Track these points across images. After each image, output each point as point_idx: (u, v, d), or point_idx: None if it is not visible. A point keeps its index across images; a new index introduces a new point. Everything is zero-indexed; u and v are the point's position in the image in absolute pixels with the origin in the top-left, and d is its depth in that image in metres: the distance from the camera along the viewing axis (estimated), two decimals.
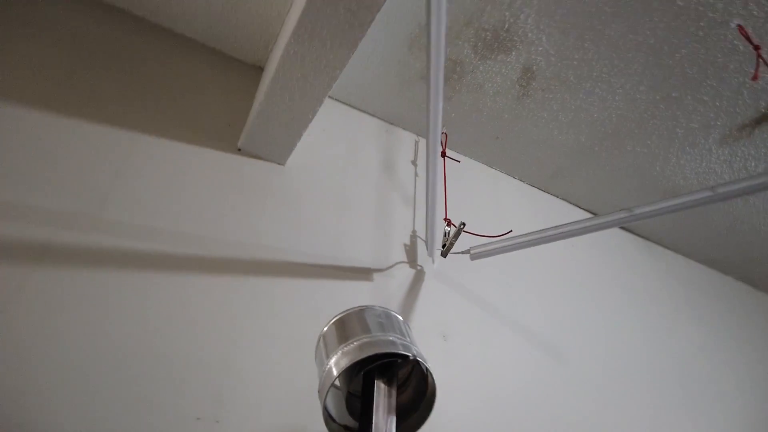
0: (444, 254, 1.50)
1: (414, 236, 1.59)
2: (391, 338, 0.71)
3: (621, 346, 1.85)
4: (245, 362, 1.09)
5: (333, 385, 0.66)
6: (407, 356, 0.69)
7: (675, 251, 2.51)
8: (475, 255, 1.43)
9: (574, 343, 1.71)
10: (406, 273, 1.49)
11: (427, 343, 1.37)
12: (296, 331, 1.19)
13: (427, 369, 0.71)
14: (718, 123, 1.74)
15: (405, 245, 1.56)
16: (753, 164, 1.90)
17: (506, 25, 1.45)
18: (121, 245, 1.09)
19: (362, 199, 1.57)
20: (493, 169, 2.03)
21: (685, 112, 1.69)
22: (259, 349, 1.12)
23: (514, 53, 1.53)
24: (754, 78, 1.38)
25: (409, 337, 0.78)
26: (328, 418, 0.72)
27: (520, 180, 2.09)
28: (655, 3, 1.37)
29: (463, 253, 1.46)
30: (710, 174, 1.97)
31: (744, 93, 1.61)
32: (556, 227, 1.34)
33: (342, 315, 0.80)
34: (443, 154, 1.74)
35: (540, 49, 1.51)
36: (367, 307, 0.81)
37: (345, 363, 0.66)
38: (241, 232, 1.26)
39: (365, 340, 0.70)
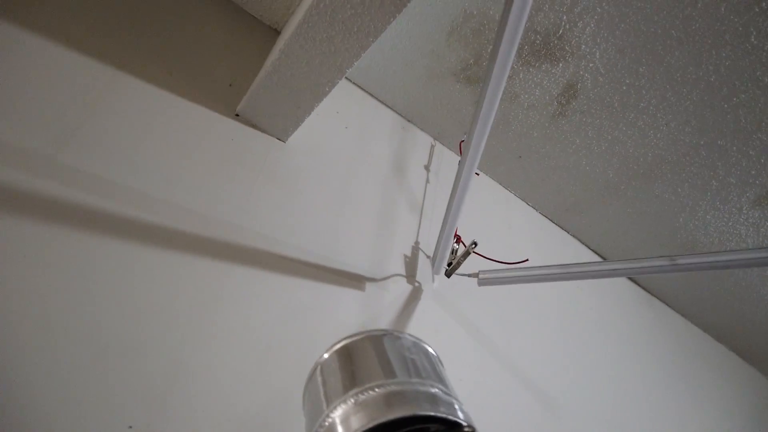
0: (448, 274, 1.32)
1: (416, 248, 1.41)
2: (432, 390, 0.49)
3: (617, 401, 1.69)
4: (199, 360, 0.88)
5: None
6: (461, 425, 0.46)
7: (674, 309, 2.38)
8: (483, 280, 1.25)
9: (568, 392, 1.54)
10: (401, 288, 1.31)
11: None
12: (269, 332, 0.99)
13: None
14: (758, 182, 1.60)
15: (405, 257, 1.37)
16: None
17: (560, 31, 1.29)
18: (76, 197, 0.89)
19: (366, 198, 1.38)
20: (508, 191, 1.86)
21: (727, 163, 1.55)
22: (219, 348, 0.92)
23: (561, 65, 1.37)
24: None
25: (449, 385, 0.55)
26: None
27: (533, 207, 1.92)
28: (728, 36, 1.22)
29: (470, 275, 1.28)
30: (733, 235, 1.83)
31: None
32: (582, 264, 1.17)
33: (351, 340, 0.56)
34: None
35: (591, 65, 1.36)
36: (388, 333, 0.59)
37: (361, 423, 0.43)
38: (224, 207, 1.06)
39: (393, 388, 0.47)
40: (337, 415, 0.47)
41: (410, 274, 1.35)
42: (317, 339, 1.07)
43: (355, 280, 1.22)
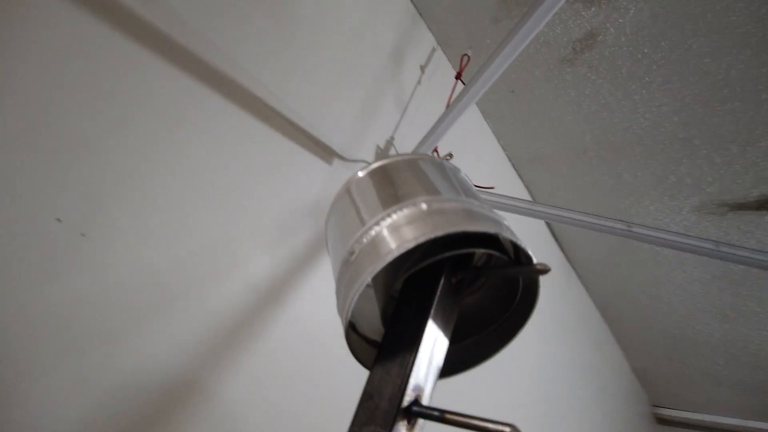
0: None
1: (390, 143, 1.37)
2: (493, 216, 0.43)
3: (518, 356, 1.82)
4: (144, 174, 0.81)
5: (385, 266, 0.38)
6: (525, 251, 0.41)
7: (581, 280, 2.56)
8: None
9: None
10: None
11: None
12: (223, 172, 0.93)
13: (536, 284, 0.45)
14: (708, 190, 1.70)
15: (378, 147, 1.33)
16: None
17: None
18: None
19: (358, 75, 1.30)
20: (486, 121, 1.84)
21: (692, 163, 1.62)
22: (167, 169, 0.85)
23: (593, 9, 1.33)
24: None
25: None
26: (348, 326, 0.43)
27: (502, 147, 1.93)
28: (754, 39, 1.23)
29: None
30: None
31: (750, 174, 1.57)
32: (547, 206, 1.20)
33: (388, 161, 0.50)
34: (458, 77, 1.51)
35: (620, 20, 1.32)
36: (431, 158, 0.52)
37: (416, 233, 0.37)
38: (218, 25, 0.95)
39: (452, 204, 0.41)
40: (402, 215, 0.41)
41: None
42: (276, 201, 1.02)
43: (325, 152, 1.16)
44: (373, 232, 0.41)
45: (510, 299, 0.48)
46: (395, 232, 0.39)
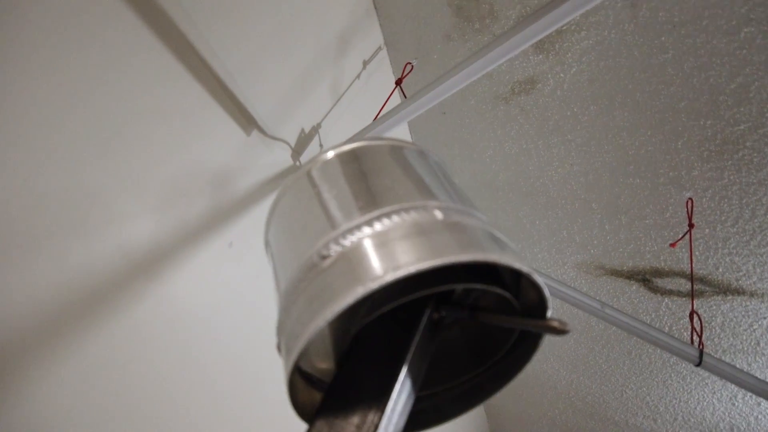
0: None
1: (315, 130, 1.29)
2: (497, 234, 0.34)
3: None
4: (18, 107, 0.66)
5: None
6: (546, 301, 0.33)
7: None
8: None
9: None
10: (283, 158, 1.18)
11: (226, 235, 1.09)
12: (122, 118, 0.80)
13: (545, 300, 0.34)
14: (591, 251, 1.82)
15: (302, 131, 1.24)
16: None
17: (564, 26, 1.28)
18: None
19: (302, 48, 1.21)
20: (411, 134, 1.83)
21: (585, 223, 1.73)
22: (49, 104, 0.70)
23: (541, 56, 1.36)
24: (672, 245, 1.45)
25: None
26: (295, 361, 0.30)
27: None
28: (668, 127, 1.33)
29: None
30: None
31: (630, 246, 1.71)
32: None
33: (364, 144, 0.38)
34: (398, 83, 1.47)
35: (561, 75, 1.37)
36: (407, 144, 0.41)
37: (419, 254, 0.27)
38: None
39: (471, 220, 0.32)
40: (409, 220, 0.30)
41: (297, 150, 1.23)
42: (175, 157, 0.90)
43: (245, 119, 1.06)
44: (354, 237, 0.30)
45: (488, 345, 0.39)
46: (387, 246, 0.28)
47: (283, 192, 0.39)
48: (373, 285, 0.26)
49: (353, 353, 0.33)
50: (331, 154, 0.39)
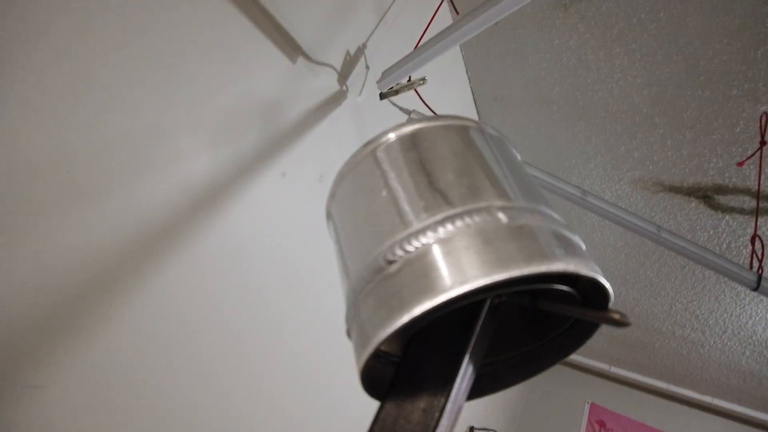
0: (382, 96, 1.20)
1: (361, 51, 1.24)
2: (576, 238, 0.33)
3: None
4: (79, 57, 0.67)
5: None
6: (609, 295, 0.33)
7: None
8: (412, 121, 1.17)
9: None
10: (329, 83, 1.16)
11: (277, 166, 1.10)
12: (173, 60, 0.79)
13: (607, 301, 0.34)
14: (650, 167, 1.75)
15: (347, 53, 1.20)
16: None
17: None
18: None
19: None
20: (461, 48, 1.74)
21: (645, 139, 1.64)
22: (111, 55, 0.70)
23: None
24: (740, 164, 1.36)
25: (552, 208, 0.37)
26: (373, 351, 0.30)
27: (469, 79, 1.85)
28: (746, 35, 1.20)
29: (402, 110, 1.19)
30: (598, 193, 2.02)
31: (693, 162, 1.62)
32: None
33: (424, 126, 0.38)
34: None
35: None
36: (478, 124, 0.40)
37: (520, 262, 0.27)
38: None
39: (537, 220, 0.31)
40: (475, 225, 0.30)
41: (343, 75, 1.20)
42: (226, 91, 0.90)
43: (291, 47, 1.03)
44: (419, 243, 0.30)
45: (546, 322, 0.39)
46: (453, 255, 0.28)
47: (348, 168, 0.39)
48: (441, 298, 0.27)
49: (418, 338, 0.35)
50: (392, 137, 0.38)
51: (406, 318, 0.27)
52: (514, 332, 0.41)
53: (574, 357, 3.79)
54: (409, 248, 0.30)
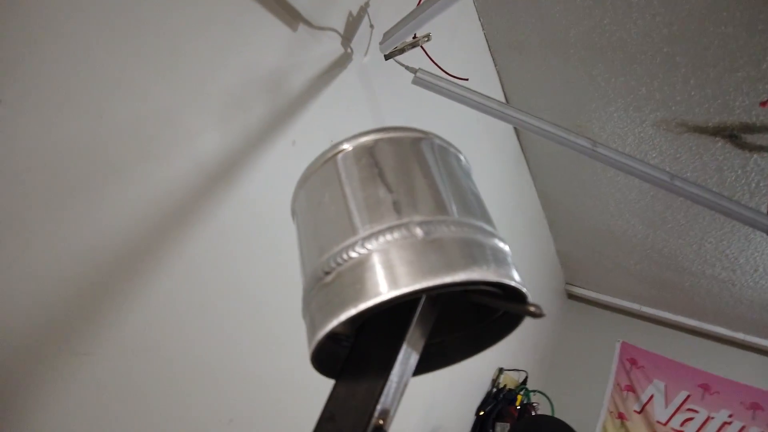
0: (387, 56, 1.20)
1: (364, 10, 1.23)
2: (499, 243, 0.38)
3: None
4: (82, 48, 0.70)
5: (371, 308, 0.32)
6: (523, 294, 0.36)
7: (529, 169, 2.62)
8: (419, 80, 1.18)
9: None
10: (333, 47, 1.16)
11: (290, 132, 1.12)
12: (169, 42, 0.81)
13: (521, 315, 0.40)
14: (673, 108, 1.69)
15: (350, 14, 1.19)
16: (653, 155, 1.97)
17: None
18: None
19: None
20: (473, 1, 1.69)
21: (667, 79, 1.59)
22: (100, 38, 0.73)
23: None
24: (763, 104, 1.31)
25: (489, 217, 0.42)
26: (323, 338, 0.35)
27: (482, 26, 1.79)
28: None
29: (408, 68, 1.19)
30: (621, 139, 1.98)
31: (718, 101, 1.56)
32: (519, 111, 1.16)
33: (389, 136, 0.40)
34: None
35: None
36: (427, 135, 0.43)
37: (427, 274, 0.31)
38: None
39: (465, 232, 0.35)
40: (393, 241, 0.34)
41: (347, 37, 1.19)
42: (229, 66, 0.92)
43: (290, 15, 1.03)
44: (360, 252, 0.34)
45: (485, 306, 0.44)
46: (388, 264, 0.33)
47: (306, 175, 0.43)
48: (369, 303, 0.32)
49: (368, 325, 0.40)
50: (348, 147, 0.41)
51: (336, 321, 0.32)
52: (459, 315, 0.44)
53: (604, 297, 3.82)
54: (347, 257, 0.35)
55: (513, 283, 0.35)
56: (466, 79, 1.28)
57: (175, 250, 0.87)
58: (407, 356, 0.36)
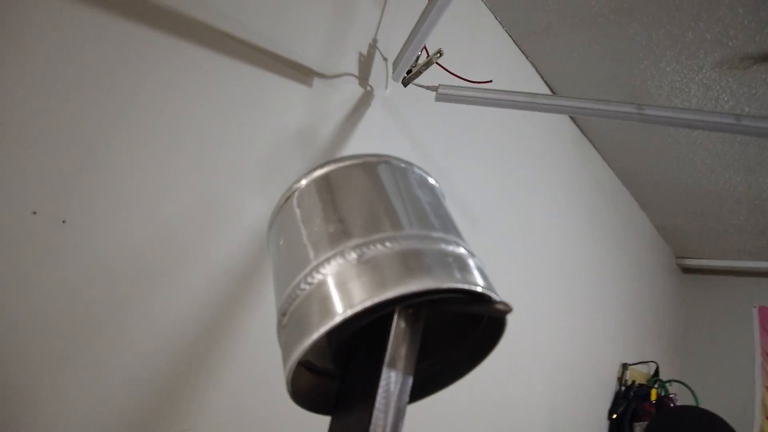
0: (406, 82, 1.21)
1: (373, 47, 1.26)
2: (459, 251, 0.37)
3: (530, 223, 1.83)
4: (118, 148, 0.77)
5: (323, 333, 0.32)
6: (482, 296, 0.35)
7: (597, 150, 2.48)
8: (442, 96, 1.17)
9: (490, 211, 1.62)
10: (352, 90, 1.19)
11: None
12: (199, 124, 0.87)
13: (502, 321, 0.39)
14: (730, 44, 1.54)
15: (360, 55, 1.22)
16: (725, 98, 1.80)
17: None
18: None
19: None
20: (483, 1, 1.67)
21: (712, 16, 1.46)
22: (141, 135, 0.80)
23: None
24: None
25: (457, 231, 0.42)
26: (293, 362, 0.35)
27: (500, 23, 1.76)
28: None
29: (429, 88, 1.19)
30: (683, 92, 1.83)
31: None
32: (552, 97, 1.11)
33: (338, 166, 0.42)
34: None
35: None
36: (386, 159, 0.44)
37: (364, 296, 0.31)
38: None
39: (408, 244, 0.34)
40: (329, 272, 0.34)
41: (363, 76, 1.22)
42: (256, 138, 0.97)
43: (302, 73, 1.08)
44: (317, 278, 0.35)
45: (475, 321, 0.43)
46: (322, 297, 0.33)
47: (273, 213, 0.45)
48: (306, 344, 0.32)
49: (353, 355, 0.39)
50: (305, 182, 0.42)
51: (294, 361, 0.33)
52: (456, 325, 0.42)
53: (724, 262, 3.46)
54: (311, 281, 0.35)
55: (457, 285, 0.33)
56: (490, 81, 1.25)
57: (247, 318, 0.91)
58: (395, 380, 0.35)
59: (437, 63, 1.21)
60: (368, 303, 0.31)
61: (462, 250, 0.38)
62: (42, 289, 0.67)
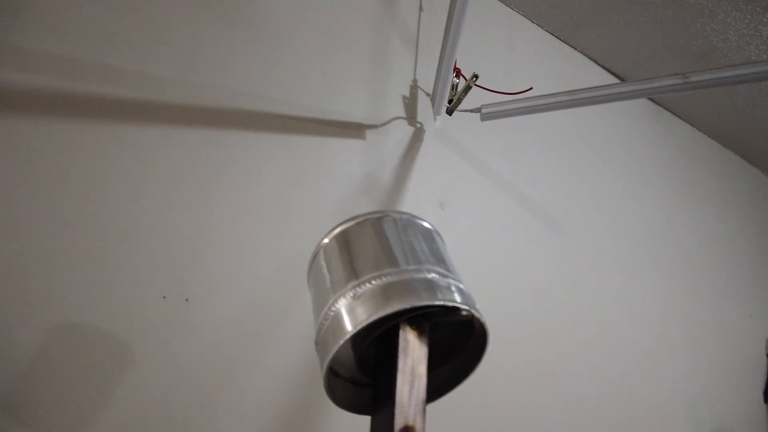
0: (450, 111, 1.27)
1: (415, 87, 1.34)
2: (430, 276, 0.48)
3: (618, 218, 1.76)
4: (216, 231, 0.91)
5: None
6: (459, 309, 0.48)
7: (682, 118, 2.33)
8: (486, 115, 1.21)
9: (571, 211, 1.60)
10: (403, 130, 1.28)
11: (424, 211, 1.22)
12: (275, 196, 1.00)
13: (483, 324, 0.50)
14: None
15: (404, 98, 1.31)
16: None
17: None
18: (49, 81, 0.83)
19: (355, 37, 1.27)
20: (509, 8, 1.70)
21: None
22: (231, 217, 0.94)
23: None
24: None
25: (448, 262, 0.54)
26: (328, 372, 0.48)
27: (538, 25, 1.78)
28: None
29: (473, 111, 1.24)
30: (754, 38, 1.71)
31: None
32: (589, 89, 1.11)
33: (348, 225, 0.55)
34: None
35: None
36: (384, 215, 0.57)
37: (362, 316, 0.44)
38: (204, 71, 0.99)
39: (389, 279, 0.46)
40: (342, 306, 0.47)
41: (411, 116, 1.30)
42: (326, 196, 1.08)
43: (354, 129, 1.19)
44: (333, 311, 0.48)
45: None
46: (351, 312, 0.46)
47: (312, 258, 0.59)
48: (341, 341, 0.44)
49: (376, 368, 0.53)
50: (327, 240, 0.56)
51: (326, 367, 0.47)
52: (460, 337, 0.57)
53: None
54: (329, 314, 0.49)
55: (418, 303, 0.45)
56: (530, 88, 1.28)
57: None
58: (411, 379, 0.45)
59: (476, 85, 1.26)
60: (356, 328, 0.44)
61: (432, 276, 0.49)
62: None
